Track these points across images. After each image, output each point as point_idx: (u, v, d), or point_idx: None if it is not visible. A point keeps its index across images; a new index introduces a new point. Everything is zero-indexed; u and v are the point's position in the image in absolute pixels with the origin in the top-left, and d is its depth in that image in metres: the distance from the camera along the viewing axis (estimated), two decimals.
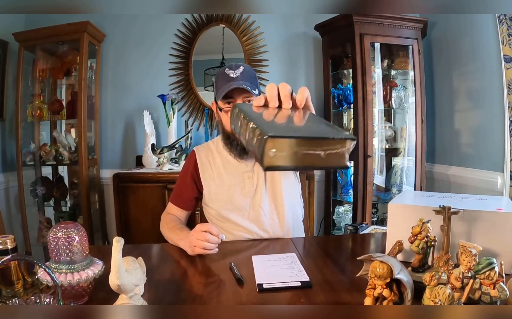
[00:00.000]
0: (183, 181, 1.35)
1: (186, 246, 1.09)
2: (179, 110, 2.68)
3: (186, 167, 1.37)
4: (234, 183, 1.28)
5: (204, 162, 1.32)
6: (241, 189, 1.27)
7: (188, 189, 1.33)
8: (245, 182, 1.28)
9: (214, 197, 1.29)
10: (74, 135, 2.58)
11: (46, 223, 2.54)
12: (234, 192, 1.27)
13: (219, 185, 1.29)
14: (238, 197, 1.27)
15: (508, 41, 1.86)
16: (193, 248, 1.05)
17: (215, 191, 1.29)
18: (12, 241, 0.82)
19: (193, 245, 1.05)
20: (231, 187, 1.27)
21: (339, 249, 1.19)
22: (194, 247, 1.04)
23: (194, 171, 1.32)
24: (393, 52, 2.55)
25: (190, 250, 1.06)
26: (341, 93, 2.55)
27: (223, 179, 1.29)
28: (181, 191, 1.35)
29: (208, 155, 1.34)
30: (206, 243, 1.03)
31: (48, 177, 2.63)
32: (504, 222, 0.84)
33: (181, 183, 1.35)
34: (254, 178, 1.28)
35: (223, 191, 1.28)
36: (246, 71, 1.21)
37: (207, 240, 1.03)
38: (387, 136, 2.59)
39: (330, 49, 2.58)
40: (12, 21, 2.50)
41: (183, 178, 1.35)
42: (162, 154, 2.34)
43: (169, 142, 2.46)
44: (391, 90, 2.53)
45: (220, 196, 1.28)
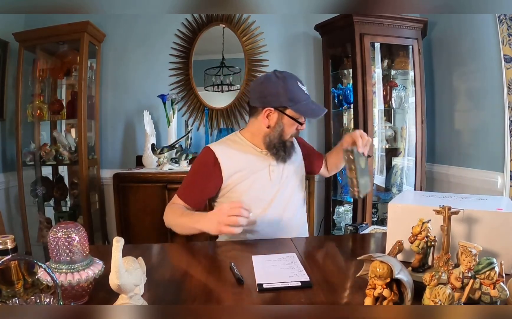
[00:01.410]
0: (196, 178, 1.32)
1: (208, 224, 1.09)
2: (179, 110, 2.68)
3: (201, 164, 1.33)
4: (259, 174, 1.31)
5: (224, 153, 1.31)
6: (265, 180, 1.31)
7: (201, 186, 1.31)
8: (271, 175, 1.32)
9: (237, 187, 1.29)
10: (74, 135, 2.58)
11: (46, 223, 2.54)
12: (258, 182, 1.30)
13: (243, 175, 1.29)
14: (260, 186, 1.29)
15: (508, 41, 1.86)
16: (221, 226, 1.05)
17: (238, 181, 1.29)
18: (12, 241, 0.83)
19: (223, 222, 1.05)
20: (256, 178, 1.30)
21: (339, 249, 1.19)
22: (223, 224, 1.05)
23: (212, 166, 1.29)
24: (393, 52, 2.55)
25: (216, 227, 1.06)
26: (341, 93, 2.55)
27: (247, 168, 1.30)
28: (193, 187, 1.32)
29: (229, 148, 1.34)
30: (240, 218, 1.05)
31: (48, 177, 2.63)
32: (504, 222, 0.84)
33: (193, 180, 1.33)
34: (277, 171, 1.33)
35: (246, 181, 1.29)
36: None
37: (241, 214, 1.05)
38: (387, 136, 2.59)
39: (330, 49, 2.58)
40: (12, 21, 2.50)
41: (196, 175, 1.33)
42: (162, 155, 2.34)
43: (169, 142, 2.46)
44: (391, 90, 2.53)
45: (243, 188, 1.29)
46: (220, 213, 1.07)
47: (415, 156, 2.44)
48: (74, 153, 2.49)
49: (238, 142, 1.36)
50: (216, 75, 2.68)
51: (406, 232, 0.85)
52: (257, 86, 1.31)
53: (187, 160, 2.41)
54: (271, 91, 1.26)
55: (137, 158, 2.65)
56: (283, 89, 1.24)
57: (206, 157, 1.32)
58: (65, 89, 2.68)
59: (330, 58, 2.60)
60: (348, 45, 2.44)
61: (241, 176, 1.29)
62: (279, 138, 1.29)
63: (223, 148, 1.33)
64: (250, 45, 2.66)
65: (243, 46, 2.65)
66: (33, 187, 2.53)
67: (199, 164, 1.34)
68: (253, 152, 1.34)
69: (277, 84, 1.25)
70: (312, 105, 1.28)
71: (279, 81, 1.26)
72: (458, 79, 2.33)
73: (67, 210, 2.63)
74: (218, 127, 2.69)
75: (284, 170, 1.35)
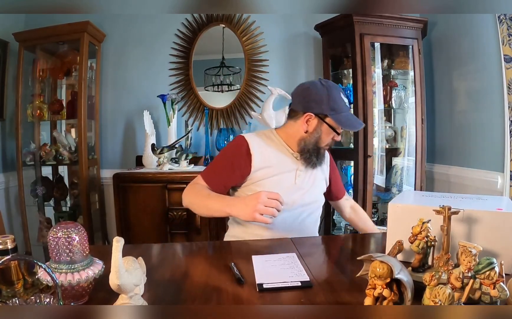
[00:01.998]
0: (225, 163, 1.32)
1: (243, 211, 1.11)
2: (179, 110, 2.68)
3: (233, 151, 1.34)
4: (286, 176, 1.32)
5: (258, 145, 1.32)
6: (290, 183, 1.32)
7: (228, 173, 1.31)
8: (296, 179, 1.34)
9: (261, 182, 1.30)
10: (74, 135, 2.58)
11: (46, 223, 2.54)
12: (282, 182, 1.31)
13: (269, 173, 1.30)
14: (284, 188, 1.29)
15: (508, 41, 1.86)
16: (256, 214, 1.07)
17: (264, 176, 1.30)
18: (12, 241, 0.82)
19: (259, 210, 1.07)
20: (282, 179, 1.31)
21: (339, 249, 1.19)
22: (258, 212, 1.07)
23: (244, 156, 1.30)
24: (393, 52, 2.55)
25: (251, 214, 1.09)
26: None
27: (275, 166, 1.31)
28: (220, 172, 1.31)
29: (263, 142, 1.35)
30: (275, 210, 1.08)
31: (48, 177, 2.63)
32: (504, 222, 0.84)
33: (222, 165, 1.33)
34: (302, 176, 1.35)
35: (273, 178, 1.30)
36: None
37: (278, 206, 1.08)
38: (387, 136, 2.59)
39: (330, 49, 2.58)
40: (12, 21, 2.50)
41: (226, 161, 1.33)
42: (162, 155, 2.34)
43: (169, 142, 2.46)
44: (391, 90, 2.53)
45: (269, 183, 1.29)
46: (257, 201, 1.08)
47: (415, 156, 2.44)
48: (74, 153, 2.49)
49: (272, 139, 1.38)
50: (216, 75, 2.69)
51: (406, 232, 0.85)
52: (301, 91, 1.33)
53: (187, 160, 2.41)
54: (315, 97, 1.28)
55: (137, 158, 2.65)
56: (327, 98, 1.27)
57: (239, 146, 1.32)
58: (65, 89, 2.68)
59: (330, 58, 2.59)
60: (348, 45, 2.44)
61: (268, 172, 1.30)
62: (314, 145, 1.31)
63: (257, 140, 1.34)
64: (250, 45, 2.66)
65: (243, 46, 2.65)
66: (33, 187, 2.53)
67: (231, 151, 1.35)
68: (285, 152, 1.35)
69: (322, 91, 1.28)
70: (352, 118, 1.32)
71: (323, 89, 1.28)
72: (458, 79, 2.33)
73: (67, 210, 2.63)
74: (218, 127, 2.69)
75: (310, 177, 1.37)
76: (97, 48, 2.59)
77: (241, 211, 1.11)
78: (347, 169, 2.63)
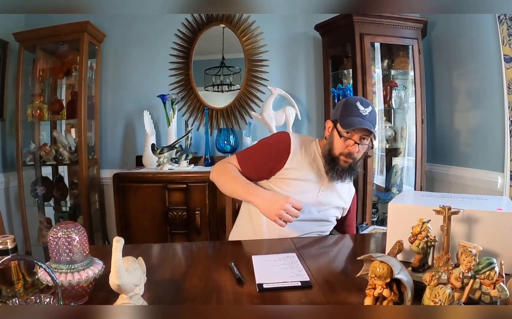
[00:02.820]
0: (263, 153, 1.37)
1: (264, 206, 1.17)
2: (179, 110, 2.68)
3: (272, 143, 1.39)
4: (312, 186, 1.35)
5: (298, 147, 1.37)
6: (312, 194, 1.35)
7: (263, 162, 1.35)
8: (319, 193, 1.36)
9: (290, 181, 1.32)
10: (74, 135, 2.58)
11: (46, 223, 2.54)
12: (306, 190, 1.33)
13: (300, 175, 1.33)
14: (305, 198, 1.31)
15: (508, 41, 1.86)
16: (275, 217, 1.14)
17: (294, 177, 1.33)
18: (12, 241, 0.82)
19: (279, 215, 1.13)
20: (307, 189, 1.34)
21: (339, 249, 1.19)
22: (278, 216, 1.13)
23: (282, 151, 1.34)
24: (393, 52, 2.55)
25: (270, 214, 1.15)
26: (341, 93, 2.55)
27: (304, 173, 1.34)
28: (255, 159, 1.36)
29: (303, 146, 1.38)
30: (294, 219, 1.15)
31: (48, 177, 2.63)
32: (504, 222, 0.84)
33: (259, 153, 1.38)
34: (325, 193, 1.37)
35: (299, 182, 1.33)
36: (373, 112, 1.30)
37: (297, 215, 1.14)
38: (387, 136, 2.59)
39: (330, 49, 2.58)
40: (12, 21, 2.50)
41: (264, 150, 1.38)
42: (162, 154, 2.34)
43: (169, 142, 2.46)
44: (391, 90, 2.53)
45: (294, 185, 1.32)
46: (282, 206, 1.13)
47: (415, 156, 2.44)
48: (74, 153, 2.49)
49: (312, 146, 1.41)
50: (216, 75, 2.69)
51: (406, 232, 0.85)
52: None
53: (187, 160, 2.42)
54: (336, 107, 1.37)
55: (137, 158, 2.65)
56: (342, 105, 1.32)
57: (281, 140, 1.38)
58: (65, 89, 2.68)
59: (330, 58, 2.59)
60: (348, 45, 2.44)
61: (298, 174, 1.33)
62: (329, 151, 1.33)
63: (299, 141, 1.39)
64: (250, 45, 2.66)
65: (243, 46, 2.65)
66: (33, 187, 2.53)
67: (272, 142, 1.40)
68: (318, 164, 1.38)
69: (342, 101, 1.34)
70: (355, 120, 1.27)
71: (343, 100, 1.34)
72: (458, 79, 2.33)
73: (67, 210, 2.64)
74: (218, 127, 2.69)
75: (331, 198, 1.38)
76: (97, 48, 2.59)
77: (264, 206, 1.17)
78: None
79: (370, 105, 1.30)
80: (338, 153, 1.31)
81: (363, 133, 1.28)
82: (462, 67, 2.27)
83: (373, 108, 1.30)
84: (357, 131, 1.27)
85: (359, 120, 1.26)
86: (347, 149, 1.30)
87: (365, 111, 1.28)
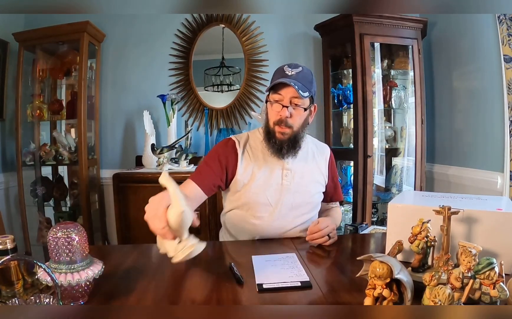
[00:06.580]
0: (210, 164, 1.29)
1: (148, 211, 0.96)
2: (179, 110, 2.68)
3: (218, 152, 1.30)
4: (272, 176, 1.28)
5: (242, 145, 1.30)
6: (276, 183, 1.27)
7: (214, 173, 1.27)
8: (283, 180, 1.28)
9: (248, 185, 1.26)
10: (74, 135, 2.58)
11: (46, 223, 2.54)
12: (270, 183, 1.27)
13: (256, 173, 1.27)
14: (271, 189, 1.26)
15: (508, 41, 1.86)
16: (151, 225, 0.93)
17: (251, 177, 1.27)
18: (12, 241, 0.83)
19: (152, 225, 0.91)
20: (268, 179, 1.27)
21: (339, 249, 1.19)
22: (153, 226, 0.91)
23: (230, 156, 1.28)
24: (393, 52, 2.55)
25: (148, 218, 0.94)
26: (341, 93, 2.55)
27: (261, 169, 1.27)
28: (206, 172, 1.27)
29: (248, 143, 1.32)
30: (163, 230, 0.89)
31: (48, 177, 2.63)
32: (504, 222, 0.84)
33: (207, 166, 1.29)
34: (290, 176, 1.28)
35: (259, 181, 1.26)
36: (303, 73, 1.20)
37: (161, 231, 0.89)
38: (387, 136, 2.59)
39: (330, 49, 2.58)
40: (12, 21, 2.50)
41: (211, 161, 1.29)
42: (162, 155, 2.34)
43: (169, 143, 2.46)
44: (391, 90, 2.53)
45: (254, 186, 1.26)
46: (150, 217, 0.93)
47: (415, 157, 2.44)
48: (74, 153, 2.49)
49: (256, 135, 1.34)
50: (216, 75, 2.69)
51: (406, 232, 0.85)
52: None
53: (186, 160, 2.41)
54: None
55: (137, 159, 2.65)
56: (272, 76, 1.25)
57: (223, 147, 1.31)
58: (65, 89, 2.68)
59: (330, 58, 2.60)
60: (348, 45, 2.44)
61: (254, 176, 1.27)
62: (266, 128, 1.26)
63: (243, 139, 1.33)
64: (250, 45, 2.66)
65: (243, 46, 2.65)
66: (33, 187, 2.53)
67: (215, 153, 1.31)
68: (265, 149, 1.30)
69: None
70: (278, 81, 1.18)
71: None
72: (458, 79, 2.33)
73: (67, 210, 2.63)
74: (218, 128, 2.69)
75: (301, 176, 1.30)
76: (97, 48, 2.59)
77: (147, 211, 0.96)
78: (347, 169, 2.63)
79: (300, 66, 1.21)
80: (272, 125, 1.23)
81: (291, 96, 1.17)
82: (462, 67, 2.27)
83: (304, 69, 1.21)
84: (283, 94, 1.18)
85: (282, 80, 1.16)
86: (278, 116, 1.20)
87: (291, 72, 1.19)
